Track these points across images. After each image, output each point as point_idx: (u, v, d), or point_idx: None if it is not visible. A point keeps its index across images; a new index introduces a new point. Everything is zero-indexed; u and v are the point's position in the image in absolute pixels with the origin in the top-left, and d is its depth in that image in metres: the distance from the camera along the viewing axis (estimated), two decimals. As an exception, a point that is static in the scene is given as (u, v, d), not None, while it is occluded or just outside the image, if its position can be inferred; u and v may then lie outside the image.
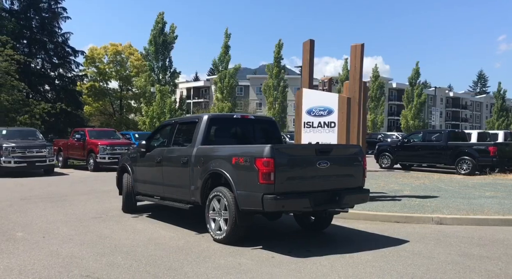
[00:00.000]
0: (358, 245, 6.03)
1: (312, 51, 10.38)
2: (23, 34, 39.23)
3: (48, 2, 41.04)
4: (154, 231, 6.65)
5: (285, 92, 38.57)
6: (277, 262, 5.15)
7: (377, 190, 11.09)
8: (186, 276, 4.51)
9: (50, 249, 5.47)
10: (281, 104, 38.12)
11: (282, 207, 5.47)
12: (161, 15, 30.07)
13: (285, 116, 37.94)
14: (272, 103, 38.22)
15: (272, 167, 5.33)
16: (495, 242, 6.39)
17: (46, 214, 7.95)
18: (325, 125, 9.54)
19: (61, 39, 40.94)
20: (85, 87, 41.34)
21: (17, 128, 18.79)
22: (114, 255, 5.25)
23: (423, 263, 5.20)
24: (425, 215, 7.92)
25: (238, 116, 7.39)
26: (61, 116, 37.91)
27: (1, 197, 10.21)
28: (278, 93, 37.91)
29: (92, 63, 40.80)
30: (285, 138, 30.04)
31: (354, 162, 6.27)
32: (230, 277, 4.54)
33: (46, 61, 40.30)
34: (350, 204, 6.19)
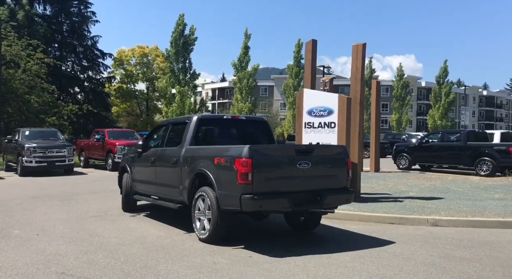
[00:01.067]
0: (341, 246, 6.03)
1: (314, 51, 10.42)
2: (54, 38, 40.80)
3: (78, 7, 42.55)
4: (145, 230, 6.83)
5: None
6: (253, 261, 5.22)
7: (383, 192, 10.99)
8: (157, 274, 4.63)
9: (38, 247, 5.70)
10: None
11: (259, 207, 5.52)
12: (182, 17, 30.59)
13: None
14: (292, 103, 38.09)
15: (250, 167, 5.39)
16: (483, 245, 6.26)
17: (50, 212, 8.30)
18: (325, 125, 9.53)
19: (90, 42, 42.43)
20: (113, 89, 42.47)
21: (39, 129, 19.56)
22: (97, 253, 5.43)
23: (398, 264, 5.18)
24: (420, 216, 7.82)
25: (229, 116, 7.51)
26: (90, 117, 39.14)
27: (15, 195, 10.72)
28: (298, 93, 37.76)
29: (120, 65, 41.95)
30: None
31: (338, 163, 6.25)
32: (200, 275, 4.63)
33: (76, 64, 41.78)
34: (332, 204, 6.19)
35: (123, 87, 43.69)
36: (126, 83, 44.24)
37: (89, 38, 42.35)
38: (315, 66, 10.56)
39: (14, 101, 28.25)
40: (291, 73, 38.13)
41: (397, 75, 51.88)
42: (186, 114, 29.58)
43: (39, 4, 40.93)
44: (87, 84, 41.59)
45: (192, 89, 30.82)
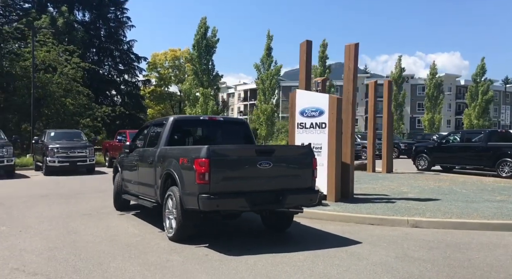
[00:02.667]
0: (304, 245, 6.10)
1: (309, 52, 10.48)
2: (92, 43, 42.56)
3: (115, 13, 44.14)
4: (123, 228, 7.11)
5: (331, 92, 37.92)
6: (206, 259, 5.35)
7: (382, 193, 10.88)
8: (105, 271, 4.84)
9: (13, 243, 6.07)
10: None
11: (216, 207, 5.65)
12: (204, 19, 31.19)
13: None
14: None
15: (207, 167, 5.55)
16: (451, 246, 6.19)
17: (47, 210, 8.81)
18: (317, 126, 9.60)
19: (126, 46, 43.84)
20: (147, 92, 43.78)
21: (64, 130, 20.59)
22: (63, 249, 5.71)
23: (348, 264, 5.23)
24: (400, 217, 7.76)
25: (206, 117, 7.70)
26: (126, 119, 40.60)
27: (27, 193, 11.44)
28: None
29: (154, 69, 43.16)
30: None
31: (302, 163, 6.32)
32: (145, 273, 4.80)
33: (112, 67, 43.37)
34: (294, 204, 6.26)
35: (156, 90, 44.97)
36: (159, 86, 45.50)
37: (125, 42, 43.83)
38: (310, 67, 10.61)
39: (51, 103, 29.84)
40: (316, 73, 37.96)
41: (430, 74, 50.28)
42: None
43: (78, 11, 42.86)
44: (123, 87, 43.09)
45: (215, 90, 31.37)
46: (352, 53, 9.83)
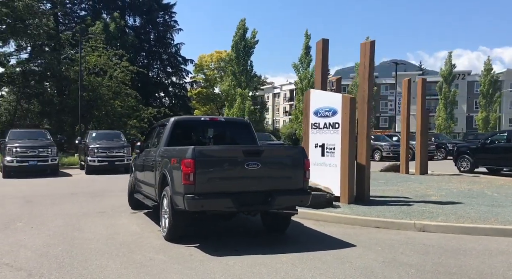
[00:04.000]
0: (295, 247, 6.02)
1: (325, 51, 10.32)
2: (143, 47, 44.30)
3: (163, 17, 45.69)
4: (127, 227, 7.33)
5: (373, 90, 36.74)
6: (188, 259, 5.40)
7: (403, 195, 10.51)
8: (86, 268, 4.99)
9: (18, 239, 6.42)
10: None
11: (201, 207, 5.69)
12: (243, 21, 31.41)
13: (374, 115, 36.16)
14: None
15: (192, 168, 5.61)
16: (448, 251, 5.90)
17: (68, 207, 9.29)
18: (330, 126, 9.44)
19: (174, 49, 45.24)
20: (194, 93, 44.83)
21: (105, 131, 21.59)
22: (58, 246, 5.96)
23: (328, 267, 5.12)
24: (407, 221, 7.47)
25: (207, 118, 7.74)
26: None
27: (58, 191, 12.14)
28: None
29: (200, 71, 44.12)
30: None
31: (293, 164, 6.24)
32: (123, 271, 4.91)
33: (161, 70, 44.92)
34: (284, 205, 6.18)
35: (203, 91, 45.95)
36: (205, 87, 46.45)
37: (173, 45, 45.25)
38: (326, 67, 10.43)
39: (101, 105, 31.39)
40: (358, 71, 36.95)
41: (484, 70, 47.36)
42: (246, 116, 30.45)
43: (129, 16, 44.81)
44: (171, 89, 44.50)
45: (253, 91, 31.52)
46: (367, 51, 9.56)
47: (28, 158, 16.61)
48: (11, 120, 33.19)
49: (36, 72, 33.99)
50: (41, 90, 33.80)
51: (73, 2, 43.58)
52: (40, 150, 16.92)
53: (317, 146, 9.71)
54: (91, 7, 43.79)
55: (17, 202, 10.04)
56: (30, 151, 16.73)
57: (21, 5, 30.46)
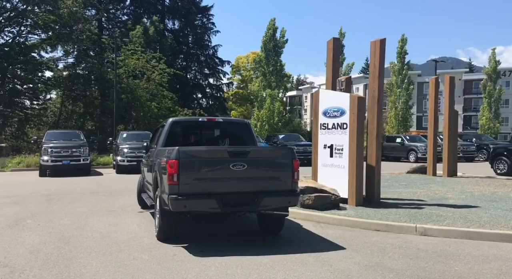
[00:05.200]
0: (282, 249, 5.98)
1: (336, 50, 10.16)
2: (181, 50, 45.27)
3: (201, 20, 46.46)
4: (127, 226, 7.49)
5: (409, 89, 35.51)
6: (169, 259, 5.45)
7: (420, 198, 10.17)
8: (68, 265, 5.14)
9: (19, 235, 6.73)
10: (406, 103, 35.25)
11: (184, 207, 5.71)
12: (273, 21, 31.28)
13: (409, 115, 34.99)
14: (394, 102, 35.71)
15: (176, 168, 5.66)
16: (440, 256, 5.67)
17: (82, 205, 9.66)
18: (338, 126, 9.29)
19: (211, 51, 45.89)
20: (231, 94, 45.31)
21: (135, 132, 22.21)
22: (53, 244, 6.17)
23: (305, 270, 5.04)
24: (408, 224, 7.22)
25: (204, 119, 7.74)
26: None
27: (81, 190, 12.65)
28: (401, 91, 35.25)
29: (237, 71, 44.53)
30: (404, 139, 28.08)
31: (281, 165, 6.17)
32: (101, 270, 4.99)
33: (198, 72, 45.70)
34: (271, 206, 6.12)
35: (239, 92, 46.32)
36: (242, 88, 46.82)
37: (210, 47, 45.91)
38: (337, 66, 10.25)
39: (139, 107, 32.40)
40: (394, 70, 35.85)
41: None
42: (275, 117, 30.36)
43: (168, 20, 45.91)
44: (208, 90, 45.20)
45: (283, 91, 31.33)
46: (377, 50, 9.32)
47: (62, 157, 17.43)
48: (56, 121, 34.92)
49: (80, 75, 35.62)
50: (84, 92, 35.38)
51: (116, 8, 45.25)
52: (73, 150, 17.70)
53: (326, 147, 9.58)
54: (133, 12, 45.24)
55: (39, 200, 10.57)
56: (64, 151, 17.54)
57: (66, 12, 32.02)
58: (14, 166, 21.50)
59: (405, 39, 35.41)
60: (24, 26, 34.05)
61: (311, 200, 8.50)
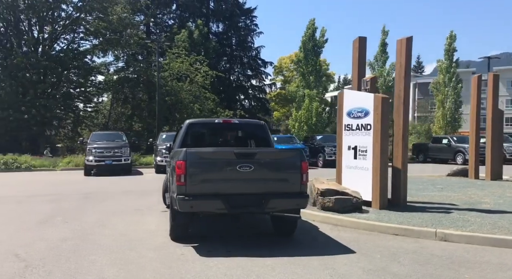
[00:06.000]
0: (290, 251, 5.93)
1: (362, 49, 9.95)
2: (224, 52, 45.86)
3: (245, 21, 46.83)
4: (147, 225, 7.70)
5: (457, 88, 33.75)
6: (174, 259, 5.55)
7: (452, 202, 9.75)
8: (78, 262, 5.35)
9: (45, 232, 7.07)
10: (454, 102, 33.58)
11: (190, 208, 5.81)
12: (312, 21, 30.90)
13: (458, 115, 33.28)
14: (442, 101, 34.09)
15: (183, 169, 5.78)
16: (452, 263, 5.43)
17: (113, 204, 10.04)
18: (362, 127, 9.09)
19: (254, 53, 46.14)
20: (273, 95, 45.35)
21: (173, 133, 22.71)
22: (72, 241, 6.44)
23: (305, 273, 4.99)
24: (428, 229, 6.95)
25: (220, 121, 7.80)
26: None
27: (117, 189, 13.16)
28: (449, 90, 33.61)
29: (279, 72, 44.50)
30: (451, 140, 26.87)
31: (289, 167, 6.13)
32: (106, 267, 5.14)
33: (241, 73, 46.06)
34: (278, 208, 6.09)
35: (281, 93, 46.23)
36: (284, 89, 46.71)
37: (253, 49, 46.18)
38: (363, 66, 10.00)
39: (182, 108, 33.19)
40: (441, 68, 34.27)
41: None
42: (314, 118, 29.93)
43: (213, 23, 46.64)
44: (250, 91, 45.48)
45: (322, 91, 30.81)
46: (403, 49, 9.04)
47: (104, 157, 18.24)
48: (106, 123, 36.53)
49: (129, 79, 37.08)
50: (132, 95, 36.79)
51: (162, 13, 46.64)
52: (115, 151, 18.47)
53: (350, 148, 9.40)
54: (179, 16, 46.36)
55: (75, 198, 11.12)
56: (106, 151, 18.34)
57: (115, 18, 33.44)
58: (64, 166, 22.73)
59: (454, 36, 33.84)
60: (77, 33, 35.95)
61: (332, 202, 8.38)
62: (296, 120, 30.85)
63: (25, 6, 32.96)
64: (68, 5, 34.62)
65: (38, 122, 30.18)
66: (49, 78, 31.30)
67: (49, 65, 30.97)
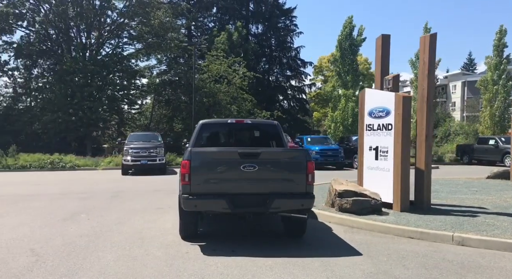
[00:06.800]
0: (295, 252, 5.88)
1: (385, 47, 9.68)
2: (264, 53, 45.99)
3: (284, 22, 46.73)
4: (164, 223, 7.83)
5: (507, 86, 31.64)
6: (177, 257, 5.63)
7: (482, 205, 9.36)
8: (86, 258, 5.54)
9: (65, 228, 7.37)
10: (504, 101, 31.57)
11: (194, 207, 5.89)
12: (350, 19, 30.20)
13: (508, 115, 31.25)
14: (489, 100, 32.16)
15: (188, 169, 5.87)
16: (461, 268, 5.20)
17: (139, 203, 10.29)
18: (383, 127, 8.86)
19: (293, 53, 45.93)
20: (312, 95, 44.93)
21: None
22: (87, 237, 6.67)
23: (302, 274, 4.93)
24: (444, 233, 6.67)
25: (233, 121, 7.77)
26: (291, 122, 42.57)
27: (147, 188, 13.50)
28: (499, 88, 31.64)
29: (319, 72, 44.05)
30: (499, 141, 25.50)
31: (294, 167, 6.07)
32: (112, 263, 5.32)
33: (280, 74, 45.97)
34: (283, 208, 6.03)
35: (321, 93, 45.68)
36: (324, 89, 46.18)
37: (293, 49, 45.98)
38: (387, 64, 9.70)
39: (220, 109, 33.60)
40: (490, 65, 32.37)
41: None
42: (350, 118, 29.19)
43: (252, 25, 46.88)
44: (289, 92, 45.28)
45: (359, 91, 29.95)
46: (427, 46, 8.70)
47: (140, 157, 18.79)
48: (148, 124, 37.63)
49: (171, 81, 38.02)
50: (173, 97, 37.69)
51: (203, 16, 47.44)
52: (150, 151, 18.99)
53: (371, 149, 9.18)
54: (219, 19, 46.97)
55: (105, 196, 11.52)
56: (142, 152, 18.89)
57: (156, 23, 34.43)
58: (105, 165, 23.64)
59: (504, 31, 31.84)
60: (121, 38, 37.32)
61: (349, 204, 8.22)
62: (332, 121, 30.35)
63: (74, 14, 34.65)
64: (113, 11, 36.07)
65: (84, 124, 31.53)
66: (95, 82, 32.64)
67: (95, 69, 32.32)
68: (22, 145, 31.11)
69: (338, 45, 30.25)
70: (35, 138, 34.86)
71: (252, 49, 41.57)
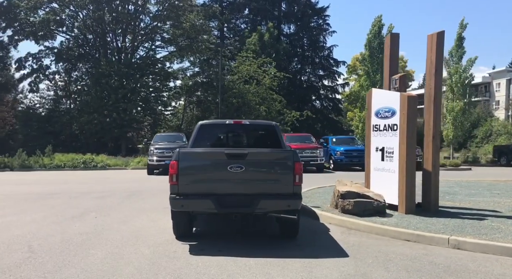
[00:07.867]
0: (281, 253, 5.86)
1: (394, 46, 9.48)
2: (296, 53, 45.82)
3: (317, 21, 46.42)
4: (164, 223, 7.77)
5: None
6: (163, 255, 5.71)
7: (495, 208, 9.02)
8: (77, 255, 5.71)
9: (72, 226, 7.62)
10: None
11: (181, 207, 6.01)
12: (379, 18, 29.45)
13: None
14: None
15: (176, 169, 6.00)
16: (447, 272, 5.04)
17: (152, 203, 10.48)
18: (389, 127, 8.68)
19: (326, 52, 45.51)
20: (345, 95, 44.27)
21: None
22: (86, 235, 6.84)
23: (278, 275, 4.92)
24: (440, 236, 6.47)
25: (231, 122, 7.78)
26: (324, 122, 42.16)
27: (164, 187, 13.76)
28: None
29: (353, 71, 43.35)
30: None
31: (280, 168, 6.07)
32: (98, 261, 5.43)
33: (312, 74, 45.66)
34: (269, 209, 6.03)
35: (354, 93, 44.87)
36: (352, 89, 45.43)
37: (325, 48, 45.55)
38: (395, 63, 9.45)
39: (249, 110, 33.79)
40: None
41: None
42: None
43: (284, 25, 46.85)
44: (322, 92, 44.88)
45: None
46: (434, 44, 8.45)
47: (165, 157, 19.18)
48: (180, 125, 38.37)
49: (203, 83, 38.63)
50: (204, 98, 38.28)
51: (235, 17, 47.86)
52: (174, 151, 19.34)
53: (377, 149, 9.01)
54: (251, 20, 47.25)
55: (121, 195, 11.86)
56: (166, 152, 19.28)
57: (188, 25, 35.10)
58: (134, 165, 24.36)
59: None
60: (154, 41, 38.29)
61: (351, 205, 8.10)
62: (360, 121, 29.78)
63: (110, 19, 35.92)
64: (146, 15, 37.10)
65: (119, 125, 32.58)
66: (129, 84, 33.64)
67: (128, 71, 33.34)
68: (62, 146, 32.64)
69: (367, 44, 29.69)
70: (74, 138, 36.42)
71: (284, 49, 41.51)
